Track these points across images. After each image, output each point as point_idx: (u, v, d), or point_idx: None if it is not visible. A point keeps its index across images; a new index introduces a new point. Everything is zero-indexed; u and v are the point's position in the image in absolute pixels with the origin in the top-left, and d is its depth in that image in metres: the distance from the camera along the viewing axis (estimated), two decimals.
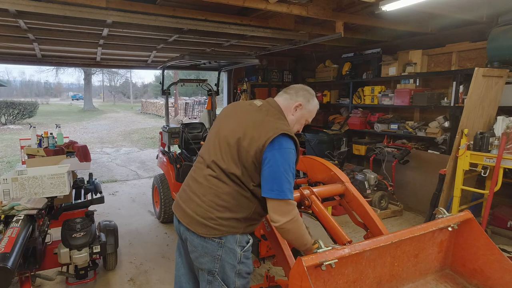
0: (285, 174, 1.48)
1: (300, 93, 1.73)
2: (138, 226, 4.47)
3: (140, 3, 3.43)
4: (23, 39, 4.79)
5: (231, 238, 1.58)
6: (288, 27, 4.40)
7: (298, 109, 1.70)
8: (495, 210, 3.75)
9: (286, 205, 1.48)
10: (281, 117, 1.64)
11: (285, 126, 1.57)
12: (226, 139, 1.60)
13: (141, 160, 9.25)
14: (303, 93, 1.73)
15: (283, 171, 1.47)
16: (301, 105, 1.69)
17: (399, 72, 5.21)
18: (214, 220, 1.56)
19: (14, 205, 2.35)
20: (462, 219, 1.77)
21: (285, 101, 1.72)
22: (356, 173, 4.88)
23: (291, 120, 1.70)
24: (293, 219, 1.49)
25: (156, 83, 37.71)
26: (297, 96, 1.71)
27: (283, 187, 1.47)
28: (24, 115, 19.48)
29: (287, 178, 1.48)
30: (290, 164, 1.50)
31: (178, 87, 21.69)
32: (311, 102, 1.73)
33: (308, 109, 1.72)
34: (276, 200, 1.48)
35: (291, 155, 1.51)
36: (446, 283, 1.80)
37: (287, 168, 1.49)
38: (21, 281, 2.46)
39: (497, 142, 3.23)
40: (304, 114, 1.72)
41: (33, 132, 4.52)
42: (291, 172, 1.50)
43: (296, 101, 1.69)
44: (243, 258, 1.63)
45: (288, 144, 1.51)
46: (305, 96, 1.72)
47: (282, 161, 1.48)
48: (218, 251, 1.58)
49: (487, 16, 3.91)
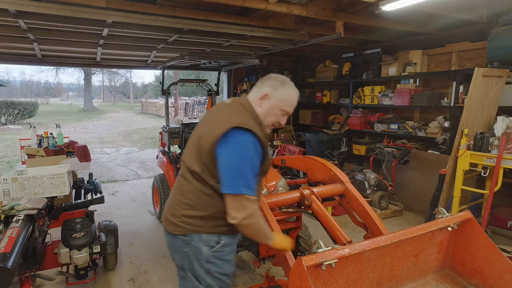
0: (239, 168, 1.43)
1: (266, 83, 1.63)
2: (138, 226, 4.47)
3: (140, 3, 3.43)
4: (23, 39, 4.79)
5: (196, 237, 1.57)
6: (288, 27, 4.40)
7: (265, 99, 1.60)
8: (495, 210, 3.75)
9: (241, 200, 1.44)
10: (242, 111, 1.56)
11: (241, 119, 1.49)
12: (194, 139, 1.63)
13: (141, 160, 9.25)
14: (269, 82, 1.62)
15: (237, 166, 1.43)
16: (267, 96, 1.59)
17: (399, 72, 5.21)
18: (179, 218, 1.59)
19: (14, 205, 2.35)
20: (462, 219, 1.77)
21: (253, 94, 1.65)
22: (356, 173, 4.88)
23: (259, 113, 1.60)
24: (250, 215, 1.45)
25: (156, 83, 37.69)
26: (263, 87, 1.62)
27: (237, 181, 1.42)
28: (24, 115, 19.48)
29: (241, 173, 1.43)
30: (246, 157, 1.44)
31: (178, 87, 21.69)
32: (279, 90, 1.59)
33: (278, 98, 1.59)
34: (231, 196, 1.44)
35: (247, 149, 1.44)
36: (446, 283, 1.80)
37: (242, 162, 1.44)
38: (21, 281, 2.46)
39: (497, 142, 3.23)
40: (275, 104, 1.60)
41: (33, 132, 4.52)
42: (247, 166, 1.44)
43: (262, 92, 1.61)
44: (213, 258, 1.59)
45: (243, 137, 1.45)
46: (272, 85, 1.60)
47: (236, 155, 1.44)
48: (184, 248, 1.60)
49: (487, 16, 3.91)
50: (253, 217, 1.47)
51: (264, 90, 1.60)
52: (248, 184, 1.44)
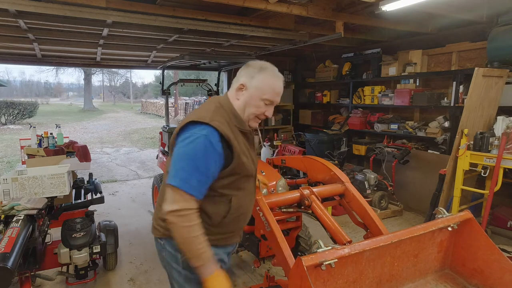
0: (181, 160, 1.33)
1: (241, 73, 1.49)
2: (138, 226, 4.47)
3: (140, 3, 3.43)
4: (23, 39, 4.79)
5: (169, 242, 1.47)
6: (288, 27, 4.40)
7: (242, 90, 1.46)
8: (495, 210, 3.75)
9: (173, 193, 1.32)
10: (209, 107, 1.45)
11: (202, 113, 1.40)
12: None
13: (141, 160, 9.25)
14: (245, 71, 1.47)
15: (180, 158, 1.34)
16: (243, 86, 1.45)
17: (399, 72, 5.21)
18: (156, 220, 1.56)
19: (14, 205, 2.35)
20: (462, 219, 1.77)
21: (231, 88, 1.52)
22: (356, 173, 4.88)
23: (238, 106, 1.47)
24: (177, 211, 1.30)
25: (156, 83, 37.70)
26: (239, 77, 1.49)
27: (176, 173, 1.32)
28: (24, 115, 19.48)
29: (181, 166, 1.33)
30: (192, 151, 1.32)
31: (178, 87, 21.70)
32: (256, 78, 1.43)
33: (255, 86, 1.43)
34: (167, 186, 1.34)
35: (195, 142, 1.32)
36: (446, 283, 1.80)
37: (185, 155, 1.33)
38: (21, 281, 2.46)
39: (497, 142, 3.23)
40: (253, 93, 1.44)
41: (33, 132, 4.52)
42: (190, 159, 1.32)
43: (238, 82, 1.47)
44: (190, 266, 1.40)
45: (195, 129, 1.35)
46: (248, 73, 1.45)
47: (182, 147, 1.34)
48: (162, 252, 1.56)
49: (487, 16, 3.91)
50: (181, 217, 1.30)
51: (240, 80, 1.46)
52: (186, 179, 1.31)
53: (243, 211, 1.55)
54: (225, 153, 1.38)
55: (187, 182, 1.31)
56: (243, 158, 1.43)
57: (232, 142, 1.37)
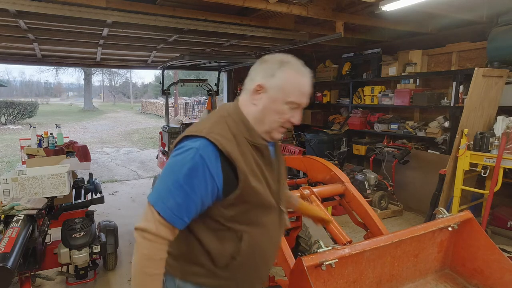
0: (164, 175, 1.08)
1: (257, 70, 1.14)
2: None
3: (140, 3, 3.43)
4: (23, 39, 4.80)
5: (170, 280, 1.20)
6: (288, 27, 4.40)
7: (259, 93, 1.12)
8: (495, 210, 3.75)
9: (147, 209, 1.07)
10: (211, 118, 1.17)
11: (200, 125, 1.13)
12: None
13: (141, 160, 9.25)
14: (261, 68, 1.13)
15: (164, 171, 1.09)
16: (261, 87, 1.11)
17: (399, 72, 5.21)
18: None
19: (14, 205, 2.35)
20: (462, 219, 1.77)
21: (244, 92, 1.19)
22: (356, 173, 4.88)
23: (254, 114, 1.13)
24: (143, 232, 1.05)
25: (156, 83, 37.69)
26: (253, 76, 1.14)
27: (156, 188, 1.08)
28: (24, 115, 19.48)
29: (164, 180, 1.07)
30: (181, 166, 1.04)
31: (178, 87, 21.69)
32: (277, 75, 1.09)
33: (276, 86, 1.10)
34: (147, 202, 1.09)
35: (185, 156, 1.04)
36: (446, 283, 1.80)
37: (170, 169, 1.07)
38: (21, 281, 2.46)
39: (497, 142, 3.23)
40: (274, 96, 1.10)
41: (33, 132, 4.53)
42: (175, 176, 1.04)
43: (254, 83, 1.13)
44: None
45: (189, 142, 1.07)
46: (265, 70, 1.12)
47: (170, 161, 1.09)
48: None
49: (487, 16, 3.91)
50: (144, 240, 1.05)
51: (256, 80, 1.12)
52: (163, 197, 1.05)
53: (261, 254, 1.19)
54: (226, 174, 1.06)
55: (163, 202, 1.04)
56: (253, 181, 1.09)
57: (235, 160, 1.05)
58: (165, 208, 1.03)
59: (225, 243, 1.13)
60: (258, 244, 1.16)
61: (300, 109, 1.18)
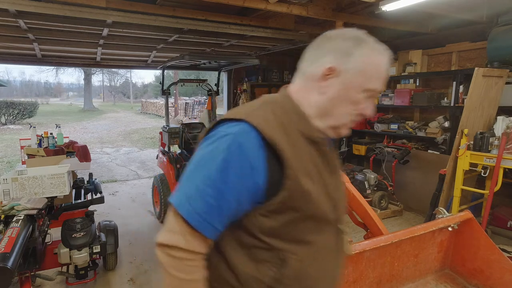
0: (192, 170, 0.83)
1: (323, 48, 0.88)
2: (138, 226, 4.47)
3: (140, 3, 3.43)
4: (23, 39, 4.80)
5: None
6: (288, 27, 4.40)
7: (330, 78, 0.86)
8: (495, 210, 3.75)
9: (171, 215, 0.83)
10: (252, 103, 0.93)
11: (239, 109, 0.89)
12: None
13: (141, 160, 9.25)
14: (331, 46, 0.87)
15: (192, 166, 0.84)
16: (332, 70, 0.85)
17: (399, 72, 5.21)
18: None
19: (14, 205, 2.35)
20: (462, 219, 1.77)
21: (300, 78, 0.93)
22: (356, 173, 4.88)
23: (318, 105, 0.88)
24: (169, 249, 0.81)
25: (156, 83, 37.69)
26: (320, 56, 0.88)
27: (181, 187, 0.84)
28: (24, 115, 19.49)
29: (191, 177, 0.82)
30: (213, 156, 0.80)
31: (178, 87, 21.69)
32: (355, 55, 0.85)
33: (357, 69, 0.85)
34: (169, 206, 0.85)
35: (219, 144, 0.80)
36: (446, 283, 1.80)
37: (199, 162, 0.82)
38: (21, 281, 2.46)
39: (497, 142, 3.23)
40: (353, 82, 0.86)
41: (33, 132, 4.52)
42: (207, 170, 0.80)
43: (321, 66, 0.86)
44: None
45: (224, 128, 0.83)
46: (337, 49, 0.86)
47: (199, 152, 0.85)
48: None
49: (487, 16, 3.91)
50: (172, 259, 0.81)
51: (325, 62, 0.86)
52: (190, 197, 0.80)
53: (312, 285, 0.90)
54: (271, 169, 0.80)
55: (190, 203, 0.79)
56: (306, 183, 0.82)
57: (282, 151, 0.80)
58: (192, 212, 0.79)
59: (261, 267, 0.85)
60: (307, 273, 0.87)
61: (373, 99, 0.93)
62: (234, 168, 0.79)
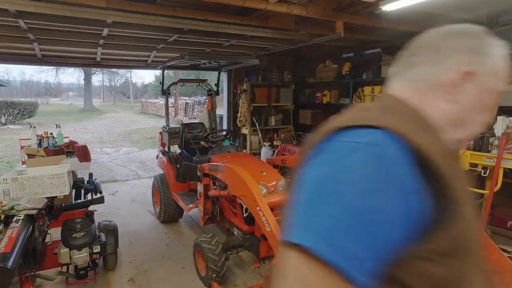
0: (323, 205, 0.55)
1: (448, 46, 0.72)
2: (138, 226, 4.47)
3: (140, 3, 3.43)
4: (23, 39, 4.79)
5: None
6: (288, 27, 4.40)
7: (465, 83, 0.70)
8: (495, 210, 3.75)
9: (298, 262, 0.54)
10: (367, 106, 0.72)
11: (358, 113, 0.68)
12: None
13: (141, 160, 9.25)
14: (455, 44, 0.72)
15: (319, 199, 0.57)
16: (471, 74, 0.69)
17: None
18: None
19: (14, 205, 2.35)
20: None
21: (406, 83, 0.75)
22: None
23: (449, 116, 0.71)
24: None
25: (156, 83, 37.71)
26: (443, 58, 0.71)
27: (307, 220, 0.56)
28: (24, 115, 19.50)
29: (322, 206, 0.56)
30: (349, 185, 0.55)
31: (178, 87, 21.70)
32: (490, 54, 0.72)
33: (492, 70, 0.72)
34: (284, 247, 0.57)
35: (357, 159, 0.57)
36: None
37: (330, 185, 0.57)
38: (21, 281, 2.46)
39: (497, 142, 3.23)
40: (490, 86, 0.72)
41: (33, 132, 4.53)
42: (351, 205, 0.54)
43: (450, 70, 0.70)
44: None
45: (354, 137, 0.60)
46: (464, 48, 0.72)
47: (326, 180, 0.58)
48: None
49: (487, 16, 3.90)
50: None
51: (455, 64, 0.70)
52: (329, 233, 0.53)
53: None
54: (427, 191, 0.58)
55: (331, 242, 0.53)
56: (470, 215, 0.63)
57: (439, 166, 0.58)
58: (337, 252, 0.52)
59: None
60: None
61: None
62: (382, 191, 0.55)
